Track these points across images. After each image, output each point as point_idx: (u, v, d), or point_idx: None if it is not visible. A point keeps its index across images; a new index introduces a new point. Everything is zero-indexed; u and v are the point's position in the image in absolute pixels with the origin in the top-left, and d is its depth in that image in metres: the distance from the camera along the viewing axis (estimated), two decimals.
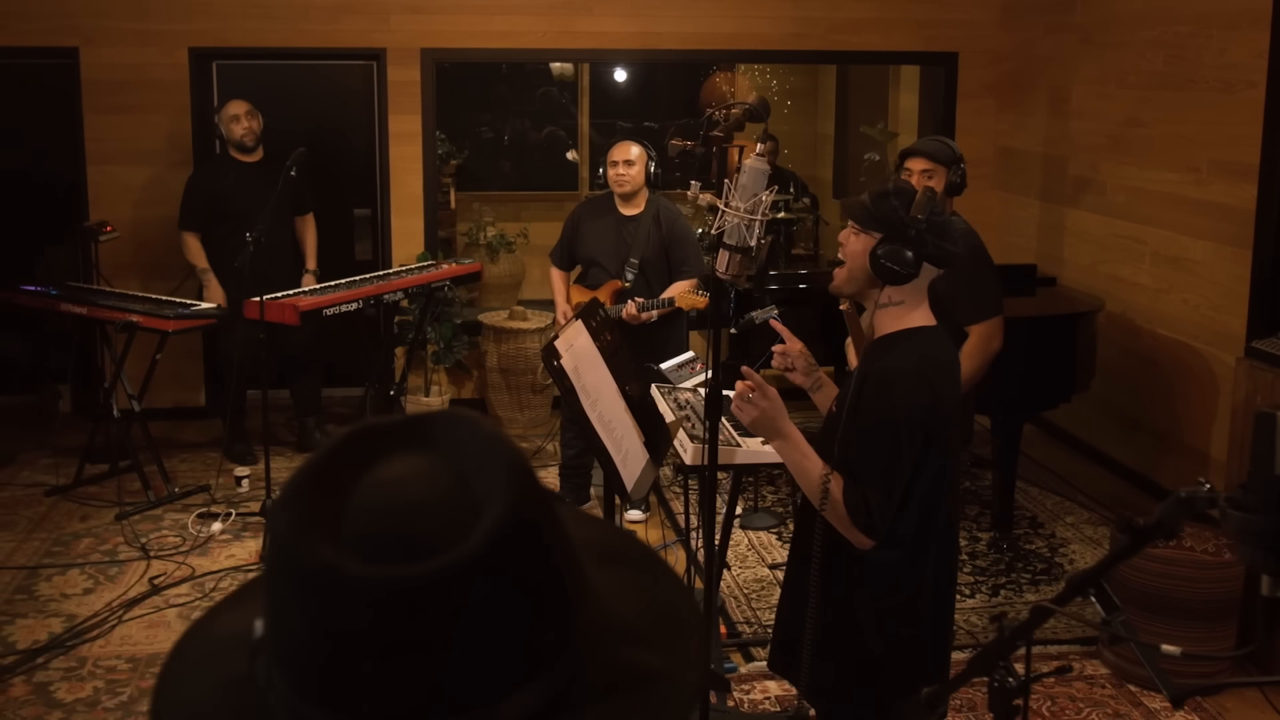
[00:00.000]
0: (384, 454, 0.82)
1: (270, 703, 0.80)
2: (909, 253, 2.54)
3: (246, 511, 5.57)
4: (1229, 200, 5.15)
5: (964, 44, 7.04)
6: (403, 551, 0.76)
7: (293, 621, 0.78)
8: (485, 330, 6.97)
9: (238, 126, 6.01)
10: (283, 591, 0.79)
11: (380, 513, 0.80)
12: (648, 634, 0.86)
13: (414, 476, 0.80)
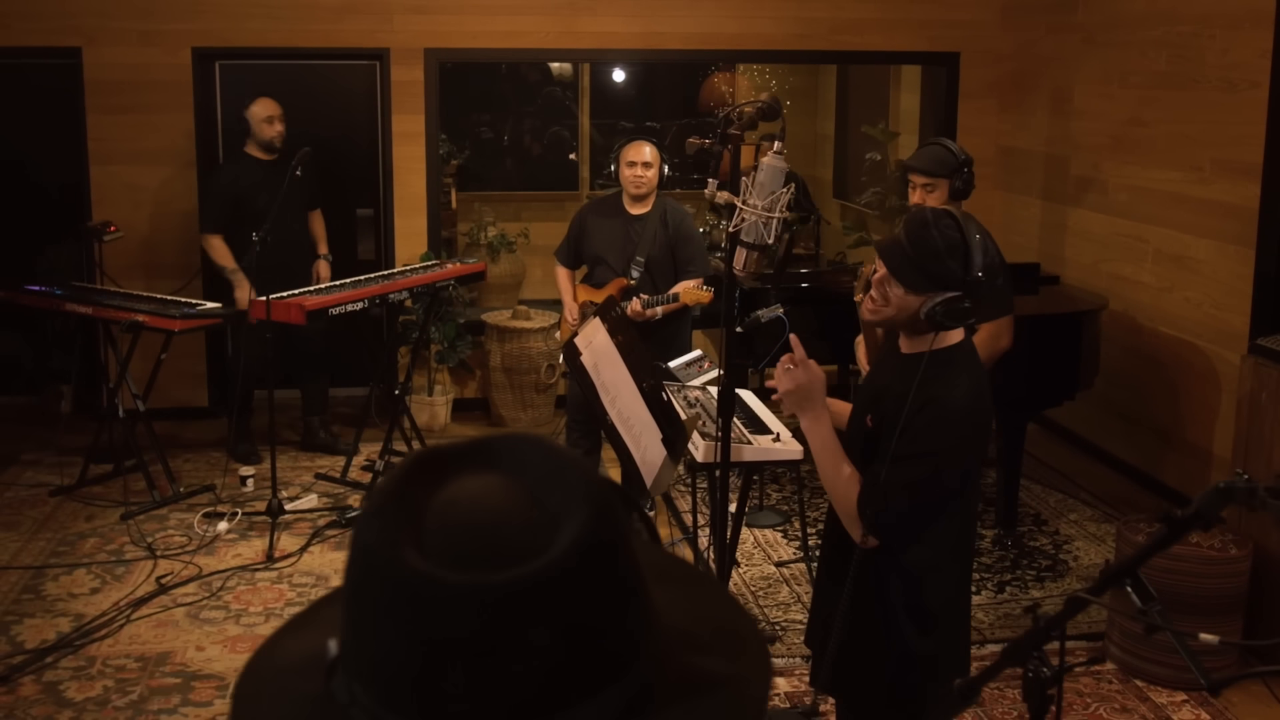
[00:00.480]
0: (453, 474, 0.84)
1: (354, 717, 0.81)
2: (968, 305, 2.48)
3: (252, 511, 5.58)
4: (1232, 199, 5.18)
5: (965, 44, 7.07)
6: (488, 562, 0.78)
7: (380, 633, 0.80)
8: (488, 330, 6.98)
9: (270, 128, 6.01)
10: (371, 603, 0.81)
11: (460, 527, 0.82)
12: (708, 644, 0.89)
13: (486, 493, 0.83)
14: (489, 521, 0.81)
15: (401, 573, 0.79)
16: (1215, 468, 5.39)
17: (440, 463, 0.86)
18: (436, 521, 0.82)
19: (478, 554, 0.79)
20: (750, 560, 5.20)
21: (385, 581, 0.80)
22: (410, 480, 0.85)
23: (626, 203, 5.38)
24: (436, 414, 6.89)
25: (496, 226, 8.69)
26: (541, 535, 0.80)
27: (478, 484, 0.84)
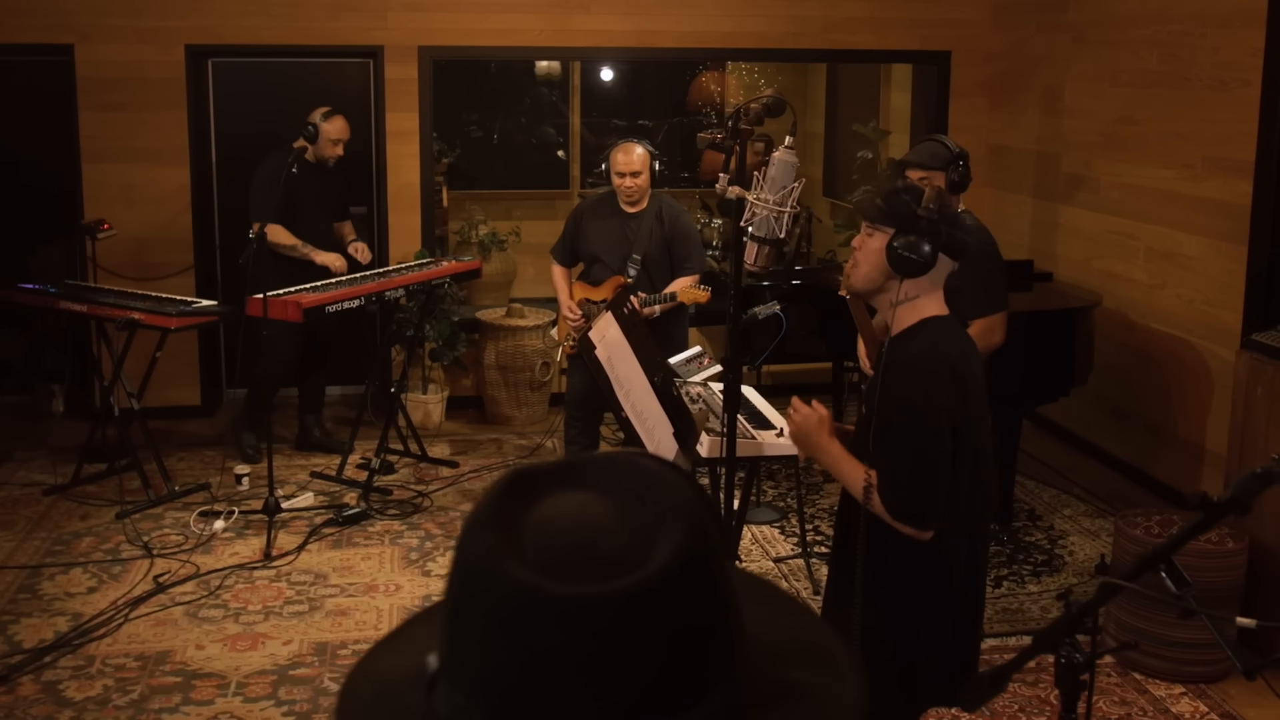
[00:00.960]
0: (546, 492, 0.87)
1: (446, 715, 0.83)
2: (925, 244, 2.59)
3: (248, 510, 5.57)
4: (1223, 196, 5.22)
5: (957, 43, 7.10)
6: (591, 575, 0.81)
7: (486, 646, 0.82)
8: (483, 328, 6.98)
9: (334, 149, 5.99)
10: (477, 617, 0.83)
11: (561, 542, 0.84)
12: (796, 659, 0.91)
13: (581, 510, 0.85)
14: (588, 536, 0.84)
15: (508, 586, 0.81)
16: (1207, 463, 5.43)
17: (532, 481, 0.89)
18: (536, 537, 0.85)
19: (580, 568, 0.82)
20: (749, 556, 5.22)
21: (492, 595, 0.82)
22: (506, 498, 0.88)
23: (622, 201, 5.40)
24: (431, 412, 6.89)
25: (487, 225, 8.69)
26: (639, 549, 0.83)
27: (571, 501, 0.86)
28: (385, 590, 4.90)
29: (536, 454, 6.55)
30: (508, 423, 7.03)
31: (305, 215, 5.94)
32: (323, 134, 5.90)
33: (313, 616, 4.67)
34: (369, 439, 6.37)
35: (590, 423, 5.73)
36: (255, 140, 6.78)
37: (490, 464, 6.38)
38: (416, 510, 5.72)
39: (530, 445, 6.69)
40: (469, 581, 0.84)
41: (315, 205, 6.02)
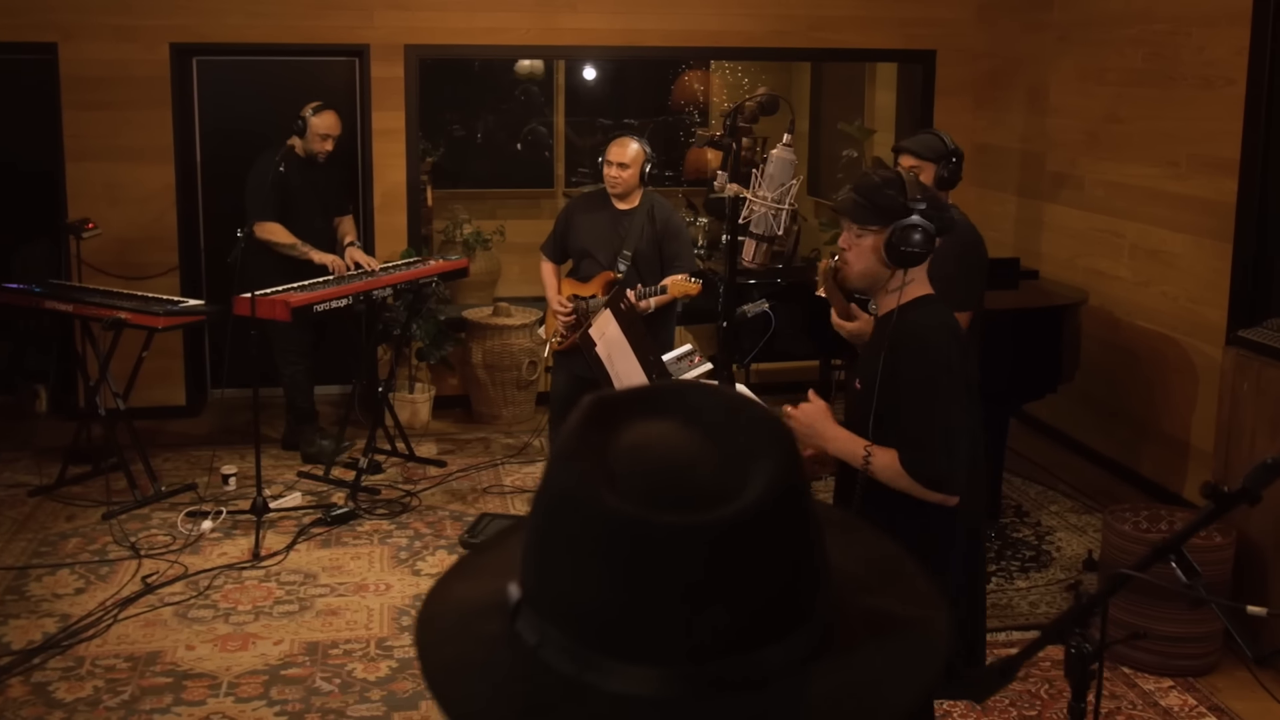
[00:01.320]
0: (628, 420, 0.86)
1: (546, 656, 0.83)
2: (920, 235, 2.63)
3: (236, 510, 5.55)
4: (1208, 194, 5.26)
5: (942, 42, 7.13)
6: (688, 504, 0.80)
7: (579, 575, 0.81)
8: (470, 327, 6.97)
9: (324, 144, 5.98)
10: (569, 547, 0.82)
11: (653, 470, 0.83)
12: (878, 587, 0.91)
13: (668, 438, 0.84)
14: (678, 465, 0.83)
15: (605, 516, 0.80)
16: (1192, 459, 5.47)
17: (614, 409, 0.88)
18: (626, 466, 0.83)
19: (674, 496, 0.81)
20: None
21: (586, 525, 0.81)
22: (590, 427, 0.86)
23: (613, 198, 5.40)
24: (418, 411, 6.88)
25: (472, 224, 8.68)
26: (733, 478, 0.82)
27: (657, 429, 0.85)
28: (375, 590, 4.89)
29: (524, 453, 6.55)
30: (494, 422, 7.02)
31: (299, 212, 5.93)
32: (311, 128, 5.89)
33: (303, 616, 4.66)
34: (356, 439, 6.36)
35: None
36: (241, 139, 6.77)
37: (477, 463, 6.38)
38: (405, 510, 5.71)
39: (518, 444, 6.68)
40: (560, 511, 0.83)
41: (308, 202, 6.00)
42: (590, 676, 0.81)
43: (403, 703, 4.06)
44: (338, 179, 6.30)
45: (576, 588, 0.82)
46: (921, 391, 2.61)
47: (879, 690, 0.83)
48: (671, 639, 0.79)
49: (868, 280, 2.75)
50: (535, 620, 0.84)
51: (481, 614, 0.89)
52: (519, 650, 0.84)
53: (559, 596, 0.83)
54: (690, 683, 0.78)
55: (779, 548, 0.81)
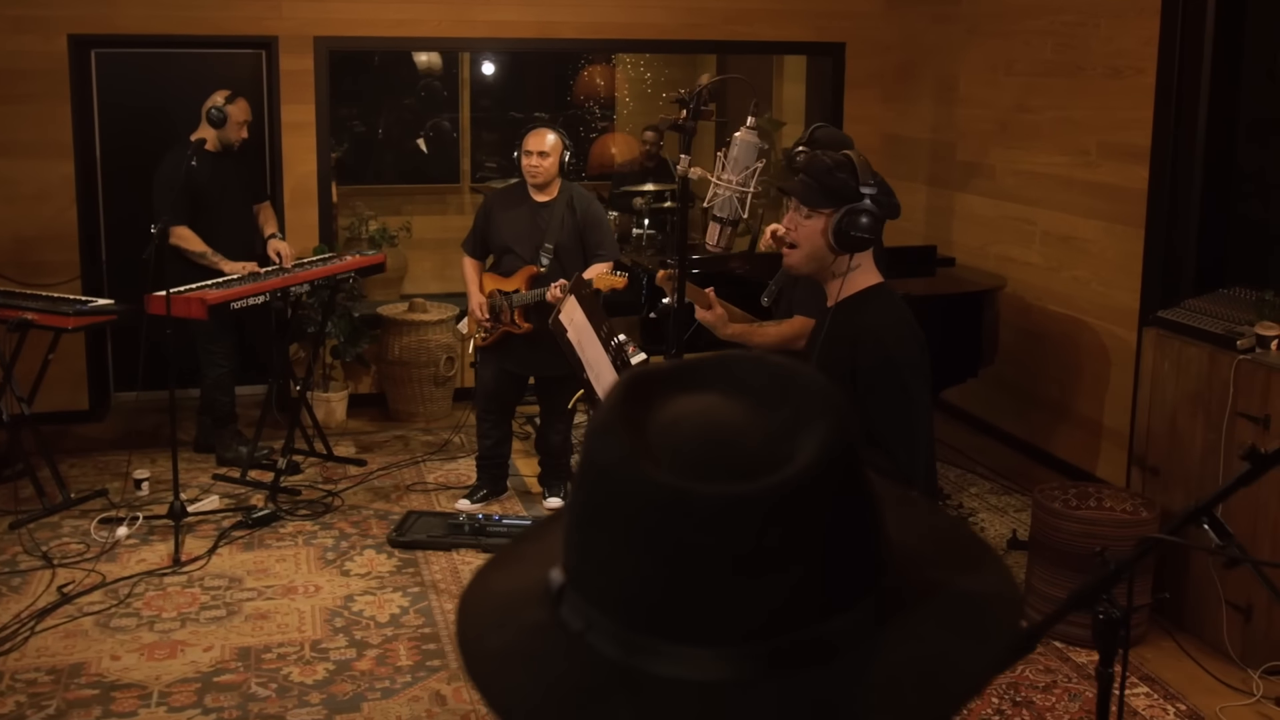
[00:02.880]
0: (667, 394, 0.83)
1: (594, 642, 0.79)
2: (868, 219, 2.64)
3: (152, 515, 5.37)
4: (1119, 181, 5.42)
5: (852, 34, 7.22)
6: (735, 473, 0.77)
7: (624, 553, 0.78)
8: (385, 323, 6.86)
9: (241, 131, 5.84)
10: (612, 524, 0.78)
11: (697, 442, 0.80)
12: (940, 559, 0.88)
13: (711, 409, 0.81)
14: (726, 434, 0.80)
15: (650, 491, 0.76)
16: (1106, 439, 5.63)
17: (651, 385, 0.84)
18: (670, 439, 0.80)
19: (720, 468, 0.77)
20: None
21: (631, 501, 0.77)
22: (628, 403, 0.83)
23: (531, 191, 5.36)
24: (333, 410, 6.74)
25: (378, 220, 8.55)
26: (781, 446, 0.79)
27: (700, 402, 0.82)
28: (305, 591, 4.78)
29: (445, 450, 6.46)
30: (411, 419, 6.92)
31: (217, 207, 5.73)
32: (230, 117, 5.73)
33: (232, 621, 4.53)
34: (272, 439, 6.20)
35: (502, 416, 5.68)
36: (142, 134, 6.56)
37: (398, 461, 6.27)
38: (328, 510, 5.59)
39: (438, 441, 6.59)
40: (601, 488, 0.79)
41: (225, 194, 5.81)
42: (641, 661, 0.77)
43: (344, 705, 3.97)
44: (253, 166, 6.14)
45: (621, 567, 0.78)
46: (874, 390, 2.60)
47: (952, 661, 0.80)
48: (724, 617, 0.76)
49: (814, 264, 2.74)
50: (580, 605, 0.80)
51: (524, 603, 0.85)
52: (566, 638, 0.81)
53: (603, 578, 0.80)
54: (748, 661, 0.75)
55: (834, 515, 0.78)
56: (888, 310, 2.70)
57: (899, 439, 2.58)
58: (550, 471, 5.75)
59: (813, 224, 2.67)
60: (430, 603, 4.70)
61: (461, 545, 5.17)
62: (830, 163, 2.67)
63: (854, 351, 2.61)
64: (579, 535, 0.82)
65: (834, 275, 2.69)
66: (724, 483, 0.76)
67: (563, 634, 0.82)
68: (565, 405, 5.62)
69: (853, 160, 2.65)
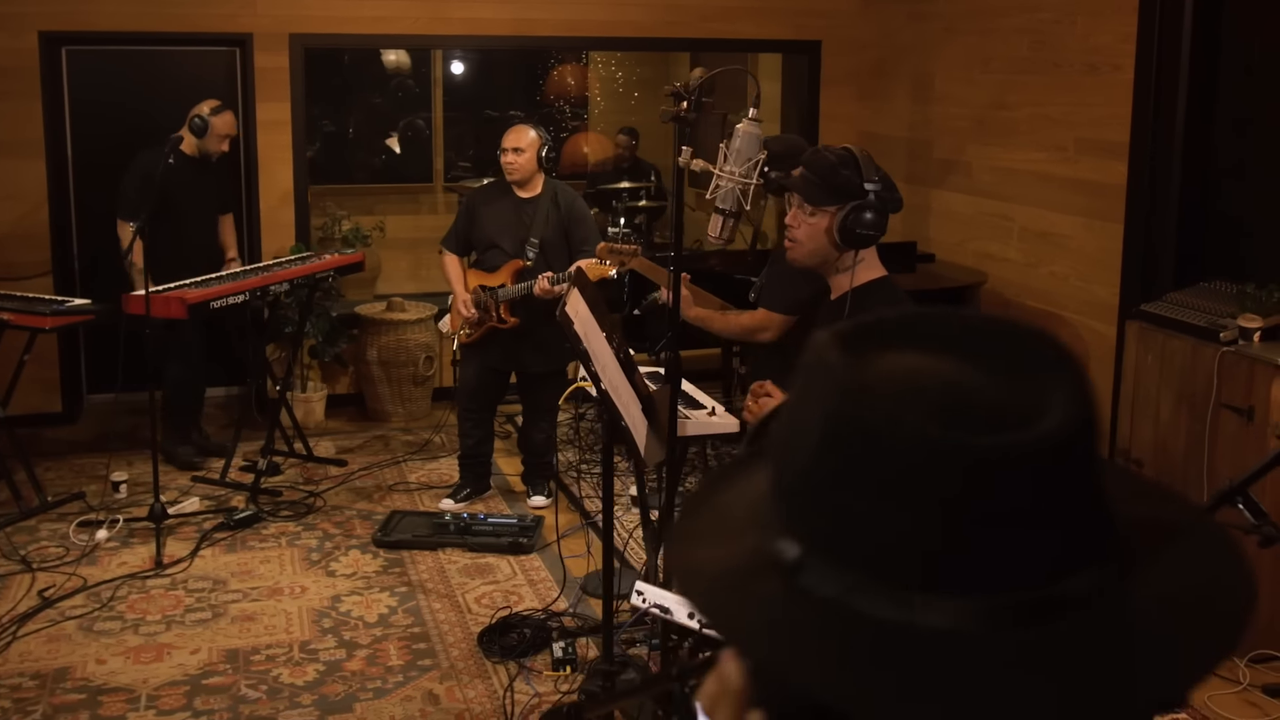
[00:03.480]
0: (883, 349, 0.82)
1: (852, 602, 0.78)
2: (873, 215, 2.65)
3: (132, 517, 5.30)
4: (1097, 177, 5.47)
5: (828, 33, 7.25)
6: (992, 427, 0.76)
7: (884, 513, 0.77)
8: (363, 323, 6.81)
9: (222, 144, 5.78)
10: (872, 483, 0.77)
11: (948, 398, 0.79)
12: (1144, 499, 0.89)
13: (936, 366, 0.81)
14: (970, 390, 0.79)
15: (923, 446, 0.76)
16: None
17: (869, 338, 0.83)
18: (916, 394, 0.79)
19: (979, 420, 0.77)
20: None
21: (899, 457, 0.76)
22: (850, 354, 0.82)
23: (514, 187, 5.35)
24: (312, 410, 6.69)
25: (351, 220, 8.49)
26: (1029, 400, 0.79)
27: (928, 359, 0.81)
28: (291, 593, 4.74)
29: (426, 449, 6.42)
30: (389, 419, 6.88)
31: (183, 212, 5.68)
32: (213, 129, 5.67)
33: (218, 623, 4.48)
34: (251, 441, 6.15)
35: (484, 414, 5.66)
36: (115, 133, 6.48)
37: (379, 461, 6.24)
38: (310, 510, 5.55)
39: (418, 441, 6.56)
40: (863, 448, 0.78)
41: (194, 201, 5.78)
42: (906, 615, 0.77)
43: (336, 706, 3.94)
44: (224, 177, 6.08)
45: (880, 526, 0.77)
46: None
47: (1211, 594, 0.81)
48: (989, 568, 0.76)
49: (818, 259, 2.76)
50: (826, 571, 0.79)
51: (751, 576, 0.84)
52: (812, 605, 0.80)
53: (857, 538, 0.79)
54: (1012, 612, 0.76)
55: (1085, 471, 0.79)
56: (896, 303, 2.72)
57: None
58: (533, 470, 5.73)
59: (817, 221, 2.68)
60: (419, 602, 4.67)
61: (447, 544, 5.14)
62: (834, 159, 2.68)
63: None
64: (812, 499, 0.81)
65: (838, 270, 2.70)
66: (992, 434, 0.76)
67: (811, 602, 0.80)
68: (549, 403, 5.61)
69: (856, 156, 2.66)
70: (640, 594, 2.43)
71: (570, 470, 6.07)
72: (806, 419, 0.83)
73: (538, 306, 5.26)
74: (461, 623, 4.51)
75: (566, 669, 4.12)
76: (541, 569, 5.00)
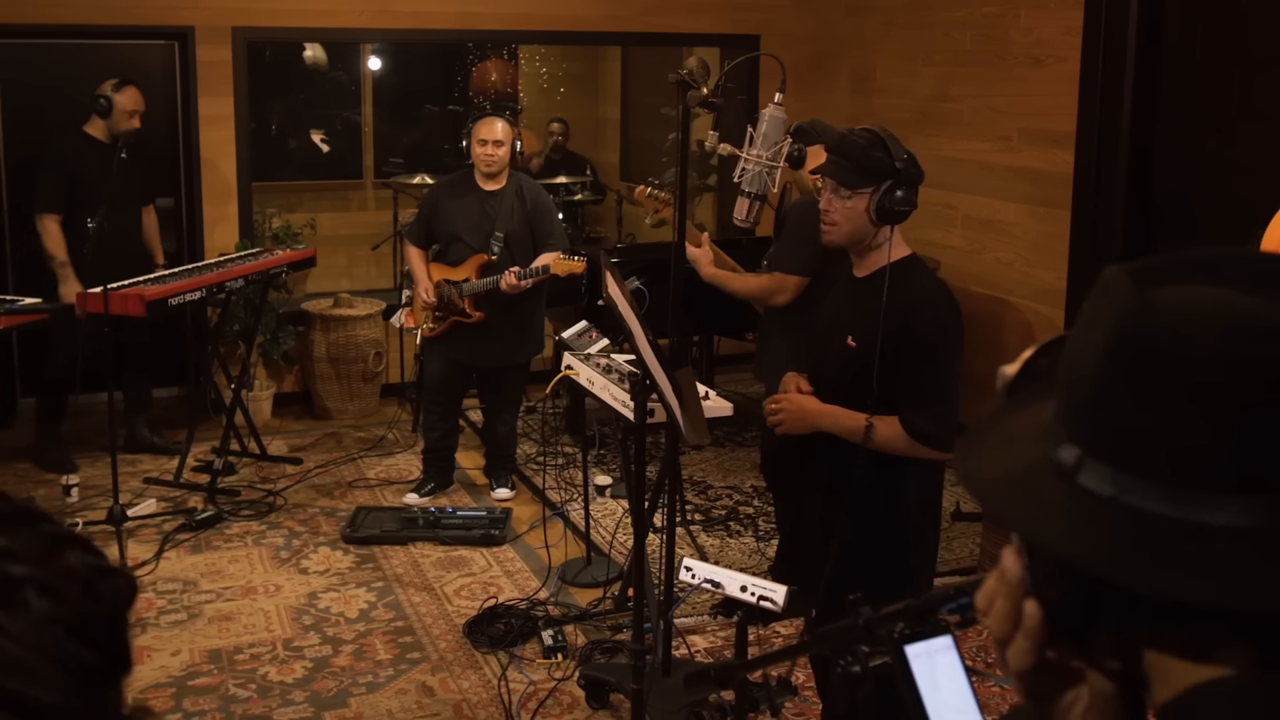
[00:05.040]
0: (1169, 281, 0.89)
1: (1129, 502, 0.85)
2: (905, 192, 2.76)
3: (90, 520, 5.18)
4: (1042, 165, 5.66)
5: (765, 27, 7.35)
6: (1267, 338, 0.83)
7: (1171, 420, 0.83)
8: (311, 319, 6.73)
9: (130, 121, 5.62)
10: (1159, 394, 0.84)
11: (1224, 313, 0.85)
12: None
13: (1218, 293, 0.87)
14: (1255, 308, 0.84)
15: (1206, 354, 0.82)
16: None
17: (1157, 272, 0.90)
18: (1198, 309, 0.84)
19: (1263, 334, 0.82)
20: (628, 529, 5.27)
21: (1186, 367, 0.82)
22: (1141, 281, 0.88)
23: (479, 179, 5.34)
24: (260, 409, 6.59)
25: (281, 217, 8.36)
26: None
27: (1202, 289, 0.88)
28: (266, 591, 4.68)
29: (380, 446, 6.38)
30: (339, 416, 6.81)
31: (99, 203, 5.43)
32: (117, 106, 5.55)
33: (195, 624, 4.41)
34: (203, 440, 6.04)
35: (450, 408, 5.64)
36: (47, 128, 6.29)
37: (334, 458, 6.17)
38: (272, 509, 5.48)
39: (371, 438, 6.51)
40: (1128, 360, 0.84)
41: (118, 189, 5.51)
42: (1187, 512, 0.84)
43: (330, 701, 3.91)
44: (141, 164, 5.81)
45: (1166, 433, 0.85)
46: (932, 356, 2.73)
47: None
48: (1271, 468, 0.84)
49: (855, 239, 2.85)
50: (1108, 472, 0.86)
51: (1035, 476, 0.91)
52: (1095, 500, 0.87)
53: (1134, 444, 0.86)
54: None
55: None
56: (932, 281, 2.83)
57: (948, 400, 2.71)
58: (497, 462, 5.73)
59: (853, 204, 2.77)
60: (397, 596, 4.65)
61: (418, 539, 5.13)
62: (864, 143, 2.77)
63: (905, 320, 2.72)
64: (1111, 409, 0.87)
65: (871, 248, 2.79)
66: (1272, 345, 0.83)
67: (1091, 495, 0.87)
68: (513, 395, 5.63)
69: (882, 137, 2.75)
70: (689, 570, 2.48)
71: (529, 462, 6.08)
72: (1092, 338, 0.89)
73: (502, 300, 5.27)
74: (444, 615, 4.50)
75: (558, 656, 4.15)
76: (516, 560, 5.01)
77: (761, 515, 5.43)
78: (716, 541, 5.19)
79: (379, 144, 9.31)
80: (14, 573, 0.59)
